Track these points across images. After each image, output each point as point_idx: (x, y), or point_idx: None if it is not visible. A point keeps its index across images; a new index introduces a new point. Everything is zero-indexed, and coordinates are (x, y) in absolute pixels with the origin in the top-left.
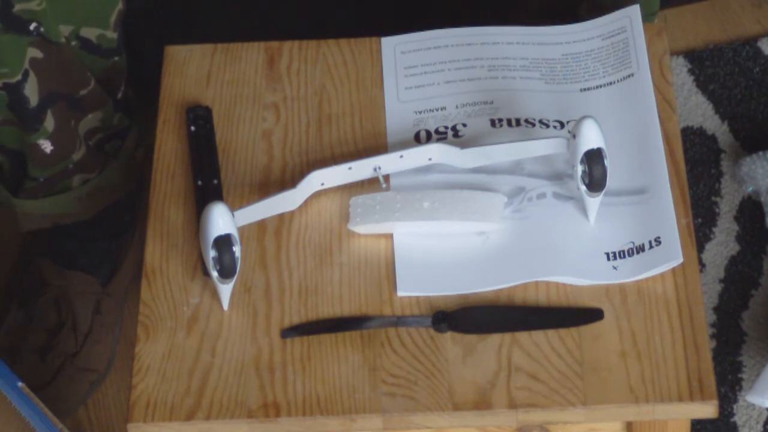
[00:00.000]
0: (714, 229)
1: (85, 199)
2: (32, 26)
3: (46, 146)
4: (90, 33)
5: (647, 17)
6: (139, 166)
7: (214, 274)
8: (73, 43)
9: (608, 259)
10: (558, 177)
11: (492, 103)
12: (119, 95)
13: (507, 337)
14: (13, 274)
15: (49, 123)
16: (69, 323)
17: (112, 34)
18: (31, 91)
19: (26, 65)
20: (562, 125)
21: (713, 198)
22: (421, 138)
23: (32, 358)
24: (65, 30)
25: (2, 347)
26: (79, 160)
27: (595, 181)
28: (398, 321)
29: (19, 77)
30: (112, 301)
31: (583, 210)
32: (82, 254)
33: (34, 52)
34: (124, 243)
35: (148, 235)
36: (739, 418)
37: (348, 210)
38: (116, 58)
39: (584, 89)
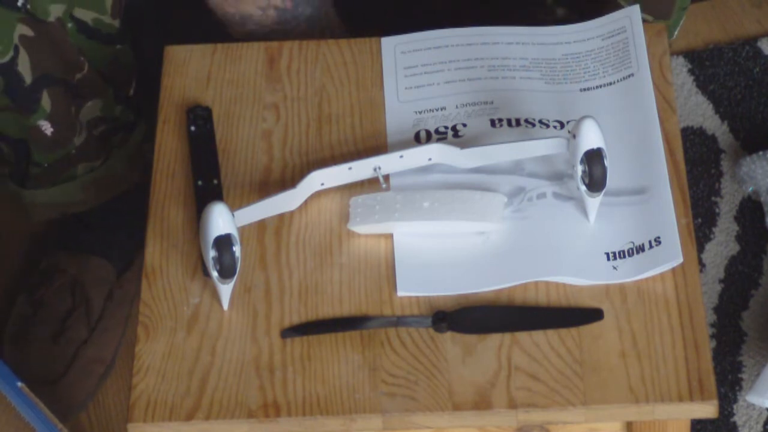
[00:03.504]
0: (714, 229)
1: (90, 188)
2: (20, 2)
3: (46, 128)
4: (84, 15)
5: (678, 12)
6: (147, 160)
7: (214, 274)
8: (69, 24)
9: (608, 259)
10: (558, 177)
11: (492, 103)
12: (131, 92)
13: (507, 337)
14: (19, 271)
15: (46, 103)
16: (82, 308)
17: (110, 20)
18: (24, 69)
19: (16, 41)
20: (562, 125)
21: (713, 198)
22: (421, 138)
23: (44, 347)
24: (57, 10)
25: (11, 338)
26: (80, 145)
27: (595, 181)
28: (398, 321)
29: (11, 53)
30: (123, 294)
31: (583, 210)
32: (99, 241)
33: (23, 29)
34: (138, 241)
35: (148, 235)
36: (739, 418)
37: (348, 210)
38: (118, 47)
39: (584, 89)
